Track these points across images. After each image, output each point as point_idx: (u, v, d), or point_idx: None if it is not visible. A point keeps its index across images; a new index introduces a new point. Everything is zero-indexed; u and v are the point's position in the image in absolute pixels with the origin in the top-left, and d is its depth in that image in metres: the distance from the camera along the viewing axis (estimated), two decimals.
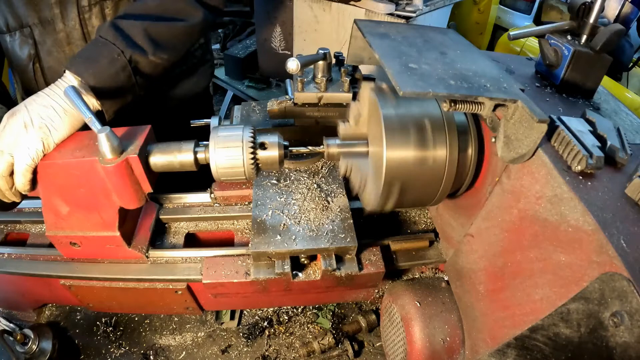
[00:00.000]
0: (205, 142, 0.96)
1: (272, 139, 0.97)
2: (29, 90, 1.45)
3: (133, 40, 1.12)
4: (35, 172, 0.97)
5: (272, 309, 1.50)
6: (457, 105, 0.77)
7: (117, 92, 1.11)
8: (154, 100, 1.58)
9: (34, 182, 0.99)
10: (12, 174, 0.97)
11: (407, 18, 2.95)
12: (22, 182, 0.96)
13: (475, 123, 0.95)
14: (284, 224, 1.11)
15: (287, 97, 1.23)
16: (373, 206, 0.97)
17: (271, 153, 0.96)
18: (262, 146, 0.96)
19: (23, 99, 1.03)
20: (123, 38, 1.10)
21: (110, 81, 1.08)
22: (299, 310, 1.51)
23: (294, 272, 1.07)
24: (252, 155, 0.93)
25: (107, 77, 1.07)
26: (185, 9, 1.24)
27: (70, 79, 1.03)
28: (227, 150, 0.92)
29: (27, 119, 0.94)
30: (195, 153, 0.95)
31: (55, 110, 0.97)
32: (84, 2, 1.32)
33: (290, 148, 1.00)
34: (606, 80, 3.00)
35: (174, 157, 0.96)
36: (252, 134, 0.94)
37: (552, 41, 1.05)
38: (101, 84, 1.06)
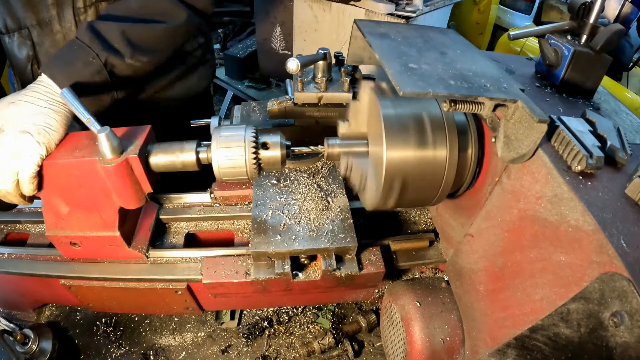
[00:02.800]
0: (207, 142, 0.96)
1: (274, 139, 0.97)
2: None
3: (109, 43, 1.10)
4: (40, 174, 0.96)
5: (272, 309, 1.50)
6: (457, 105, 0.77)
7: (93, 94, 1.09)
8: (153, 101, 1.58)
9: (40, 183, 0.98)
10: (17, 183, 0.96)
11: (407, 18, 2.95)
12: (29, 188, 0.95)
13: (476, 123, 0.95)
14: (284, 224, 1.11)
15: (287, 97, 1.23)
16: (373, 206, 0.97)
17: (273, 153, 0.96)
18: (265, 146, 0.96)
19: None
20: (99, 41, 1.08)
21: (86, 84, 1.06)
22: (299, 310, 1.51)
23: (294, 272, 1.07)
24: (254, 155, 0.93)
25: (82, 79, 1.05)
26: (168, 10, 1.22)
27: (46, 81, 1.01)
28: (230, 150, 0.92)
29: (21, 131, 0.92)
30: (197, 153, 0.95)
31: (46, 114, 0.96)
32: (79, 4, 1.32)
33: (292, 148, 1.00)
34: (606, 80, 3.00)
35: (176, 157, 0.96)
36: (254, 134, 0.94)
37: (552, 41, 1.05)
38: (76, 86, 1.03)
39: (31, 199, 1.01)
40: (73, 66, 1.05)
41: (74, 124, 1.04)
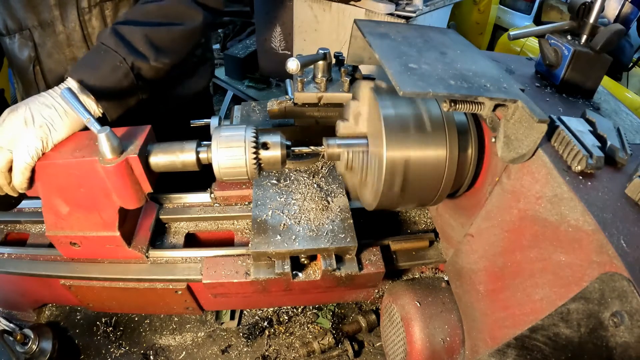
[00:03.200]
0: (207, 142, 0.96)
1: (274, 139, 0.97)
2: (29, 92, 1.45)
3: (134, 47, 1.12)
4: (33, 171, 0.97)
5: (272, 309, 1.50)
6: (457, 105, 0.77)
7: (120, 97, 1.12)
8: (154, 100, 1.58)
9: (31, 181, 0.99)
10: (10, 169, 0.97)
11: (407, 18, 2.95)
12: (20, 180, 0.96)
13: (475, 123, 0.95)
14: (284, 224, 1.11)
15: (287, 97, 1.23)
16: (373, 206, 0.97)
17: (274, 153, 0.96)
18: (265, 146, 0.96)
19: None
20: (124, 45, 1.10)
21: (113, 88, 1.08)
22: (299, 310, 1.51)
23: (294, 272, 1.07)
24: (254, 155, 0.93)
25: (110, 84, 1.08)
26: (186, 12, 1.24)
27: (72, 84, 1.04)
28: (230, 150, 0.92)
29: (28, 116, 0.95)
30: (197, 153, 0.95)
31: (57, 110, 0.98)
32: (83, 4, 1.32)
33: (292, 148, 1.00)
34: (606, 80, 3.00)
35: (176, 157, 0.96)
36: (254, 134, 0.94)
37: (552, 41, 1.05)
38: (104, 90, 1.06)
39: (21, 194, 1.01)
40: (101, 71, 1.07)
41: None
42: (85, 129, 1.00)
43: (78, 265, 1.16)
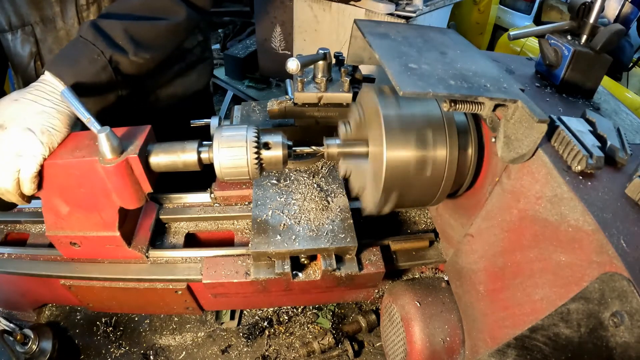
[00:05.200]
0: (208, 142, 0.96)
1: (276, 139, 0.97)
2: None
3: (113, 41, 1.10)
4: (41, 174, 0.96)
5: (272, 309, 1.50)
6: (457, 105, 0.77)
7: (99, 92, 1.10)
8: (153, 99, 1.59)
9: (40, 183, 0.98)
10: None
11: (407, 18, 2.95)
12: (30, 187, 0.95)
13: (475, 123, 0.96)
14: (284, 224, 1.11)
15: (287, 97, 1.23)
16: (373, 206, 0.97)
17: (275, 153, 0.96)
18: (266, 146, 0.96)
19: None
20: (103, 38, 1.09)
21: (91, 82, 1.07)
22: (299, 310, 1.51)
23: (294, 272, 1.07)
24: (256, 155, 0.93)
25: (88, 77, 1.06)
26: (168, 8, 1.23)
27: (50, 80, 1.01)
28: (231, 150, 0.92)
29: (24, 130, 0.92)
30: (199, 153, 0.95)
31: (50, 113, 0.96)
32: (82, 1, 1.33)
33: (293, 148, 1.00)
34: (606, 80, 3.00)
35: (177, 157, 0.96)
36: (255, 134, 0.94)
37: (552, 41, 1.05)
38: (81, 84, 1.04)
39: (30, 198, 1.01)
40: (79, 64, 1.05)
41: (78, 123, 1.04)
42: (81, 123, 0.99)
43: (78, 265, 1.16)
